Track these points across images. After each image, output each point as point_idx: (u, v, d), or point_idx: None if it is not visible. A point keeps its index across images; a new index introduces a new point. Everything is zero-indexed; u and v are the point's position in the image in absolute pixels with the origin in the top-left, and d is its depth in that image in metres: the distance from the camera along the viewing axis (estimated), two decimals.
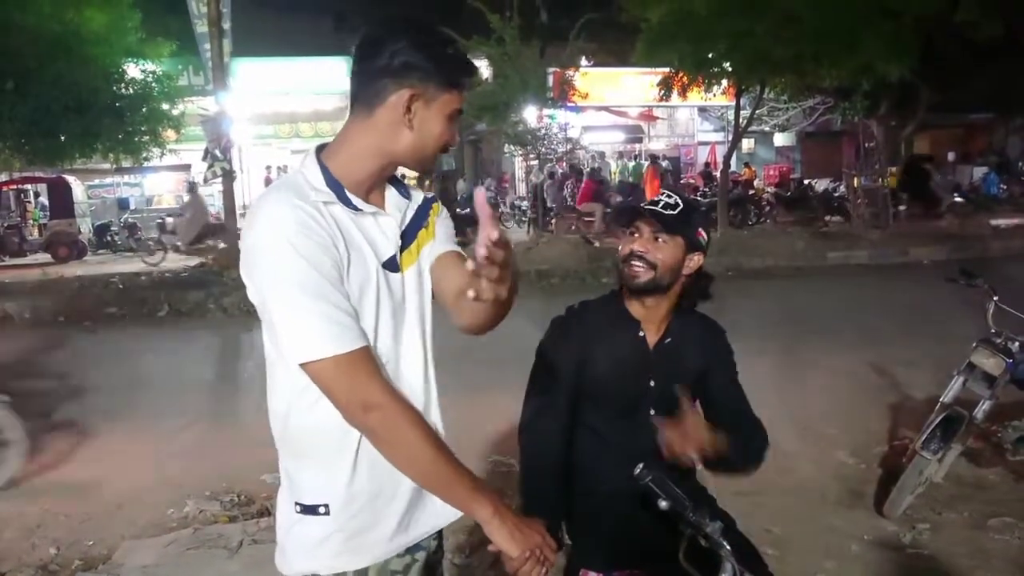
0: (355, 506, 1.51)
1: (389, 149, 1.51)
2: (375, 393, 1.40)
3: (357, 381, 1.40)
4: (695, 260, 2.08)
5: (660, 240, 2.04)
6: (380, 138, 1.50)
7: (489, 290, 1.27)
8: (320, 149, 1.56)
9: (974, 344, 4.03)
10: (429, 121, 1.50)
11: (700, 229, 2.09)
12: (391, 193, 1.61)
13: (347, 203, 1.49)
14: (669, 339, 2.13)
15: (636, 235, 2.07)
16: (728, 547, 1.61)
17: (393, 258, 1.55)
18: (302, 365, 1.40)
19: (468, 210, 20.93)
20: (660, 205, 2.04)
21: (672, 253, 2.04)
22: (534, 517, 1.60)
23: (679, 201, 2.06)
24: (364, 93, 1.50)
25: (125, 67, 13.33)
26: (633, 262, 2.05)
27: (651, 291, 2.07)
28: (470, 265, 1.26)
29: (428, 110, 1.49)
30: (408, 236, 1.60)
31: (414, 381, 1.59)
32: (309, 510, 1.52)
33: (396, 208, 1.59)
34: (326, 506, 1.51)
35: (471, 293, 1.27)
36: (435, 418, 1.65)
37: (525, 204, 21.47)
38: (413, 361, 1.59)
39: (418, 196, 1.67)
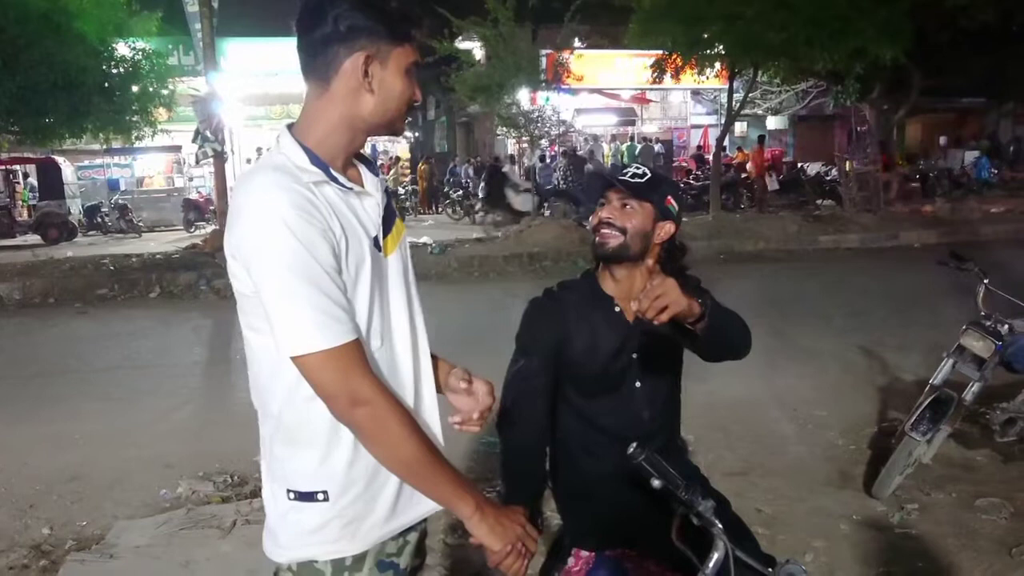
0: (354, 491, 1.49)
1: (356, 117, 1.47)
2: (364, 388, 1.38)
3: (346, 375, 1.37)
4: (666, 228, 2.08)
5: (628, 207, 2.04)
6: (344, 108, 1.46)
7: (471, 428, 1.71)
8: (290, 128, 1.51)
9: (964, 327, 4.06)
10: (388, 80, 1.46)
11: (669, 197, 2.09)
12: (364, 171, 1.57)
13: (335, 182, 1.45)
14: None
15: (605, 204, 2.08)
16: (720, 525, 1.62)
17: (377, 239, 1.51)
18: (292, 358, 1.37)
19: (460, 192, 20.98)
20: (628, 175, 2.05)
21: (640, 219, 2.04)
22: (515, 505, 1.61)
23: (647, 171, 2.07)
24: (316, 65, 1.46)
25: (114, 45, 13.20)
26: (602, 229, 2.06)
27: (620, 258, 2.06)
28: (455, 424, 1.71)
29: (385, 70, 1.45)
30: (388, 220, 1.57)
31: (403, 365, 1.57)
32: (306, 497, 1.49)
33: (374, 187, 1.56)
34: (324, 492, 1.48)
35: (456, 427, 1.71)
36: (428, 406, 1.63)
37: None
38: (402, 345, 1.57)
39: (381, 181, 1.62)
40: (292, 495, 1.51)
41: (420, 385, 1.62)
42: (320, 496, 1.48)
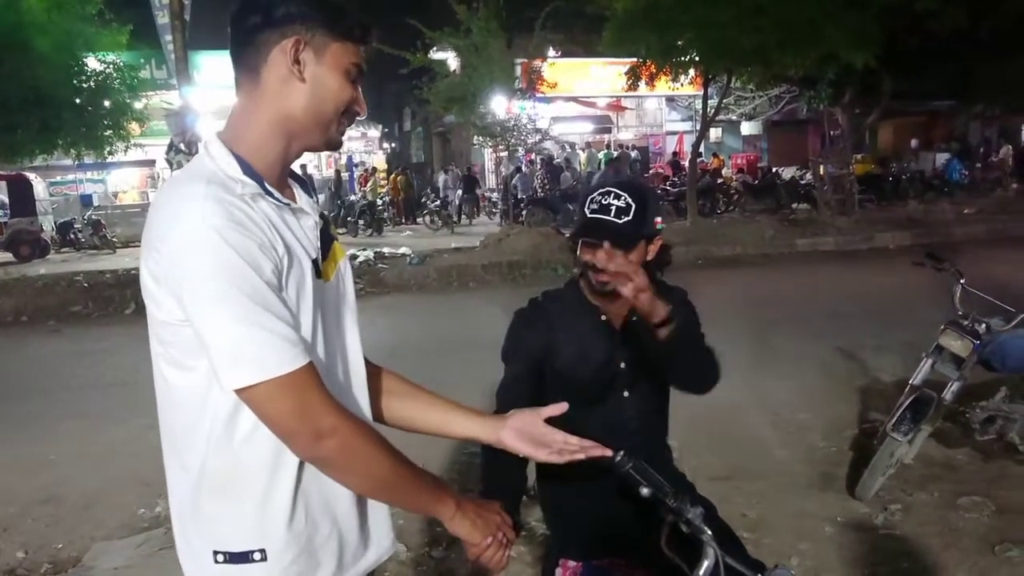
0: (296, 547, 1.33)
1: (287, 114, 1.33)
2: (327, 417, 1.24)
3: (305, 405, 1.22)
4: (655, 245, 2.06)
5: (621, 250, 1.95)
6: (275, 104, 1.33)
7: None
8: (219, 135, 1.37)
9: (942, 327, 4.09)
10: (323, 74, 1.33)
11: (657, 218, 2.03)
12: (298, 191, 1.43)
13: (270, 196, 1.30)
14: (635, 317, 2.11)
15: (592, 245, 1.98)
16: (709, 532, 1.61)
17: (316, 262, 1.36)
18: (238, 390, 1.21)
19: (438, 203, 21.06)
20: (612, 212, 1.95)
21: (635, 256, 1.99)
22: (493, 500, 1.59)
23: (629, 200, 1.96)
24: (244, 57, 1.33)
25: (84, 59, 13.08)
26: (598, 274, 1.98)
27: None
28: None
29: (320, 64, 1.33)
30: (325, 244, 1.42)
31: (346, 399, 1.41)
32: (239, 558, 1.31)
33: (310, 207, 1.40)
34: (262, 551, 1.31)
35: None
36: None
37: (495, 195, 21.52)
38: (344, 377, 1.45)
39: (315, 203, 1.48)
40: (221, 557, 1.32)
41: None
42: (256, 556, 1.31)
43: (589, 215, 1.99)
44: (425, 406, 1.65)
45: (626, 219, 1.95)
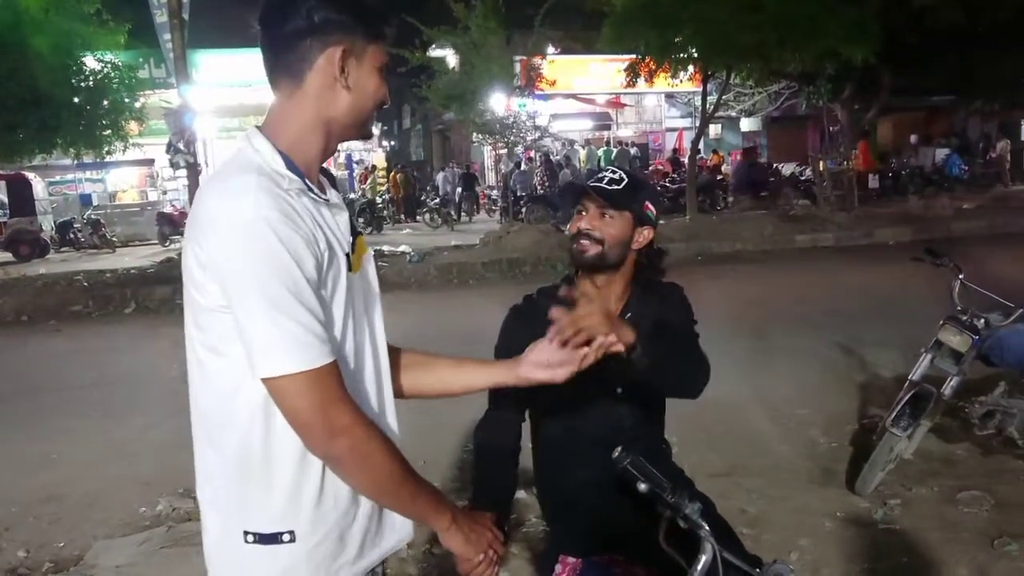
0: (323, 529, 1.37)
1: (330, 117, 1.39)
2: (342, 416, 1.28)
3: (324, 402, 1.27)
4: (644, 234, 2.08)
5: (607, 216, 2.03)
6: (318, 107, 1.38)
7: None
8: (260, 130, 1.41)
9: (941, 322, 4.10)
10: (364, 78, 1.39)
11: (648, 203, 2.07)
12: (327, 186, 1.47)
13: (311, 191, 1.35)
14: (628, 315, 2.11)
15: (583, 213, 2.06)
16: (707, 528, 1.62)
17: (347, 256, 1.41)
18: (265, 379, 1.26)
19: (437, 200, 21.09)
20: (604, 181, 2.03)
21: (619, 228, 2.03)
22: (482, 510, 1.61)
23: (624, 176, 2.04)
24: (286, 61, 1.37)
25: (83, 59, 13.09)
26: (581, 239, 2.04)
27: (600, 267, 2.05)
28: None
29: (361, 67, 1.39)
30: (352, 236, 1.46)
31: (369, 389, 1.48)
32: (269, 539, 1.35)
33: (340, 202, 1.45)
34: (291, 533, 1.35)
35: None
36: (390, 425, 1.55)
37: (495, 193, 21.54)
38: (368, 369, 1.48)
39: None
40: (251, 538, 1.36)
41: (385, 419, 1.51)
42: (286, 537, 1.35)
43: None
44: (444, 368, 1.73)
45: (616, 187, 2.02)
